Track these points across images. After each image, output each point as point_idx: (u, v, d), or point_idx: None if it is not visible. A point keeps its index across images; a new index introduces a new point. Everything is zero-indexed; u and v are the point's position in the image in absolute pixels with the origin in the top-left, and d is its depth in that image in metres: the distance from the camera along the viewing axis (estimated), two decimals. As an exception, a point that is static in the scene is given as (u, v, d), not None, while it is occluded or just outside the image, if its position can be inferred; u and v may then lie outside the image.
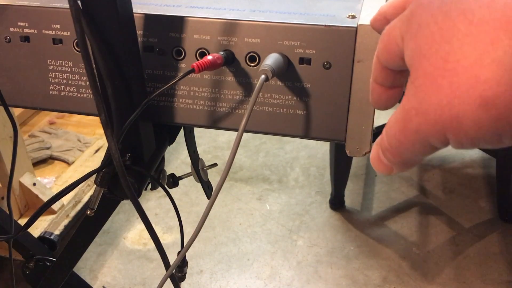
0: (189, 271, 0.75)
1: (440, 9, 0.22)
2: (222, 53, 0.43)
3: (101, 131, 1.68)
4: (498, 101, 0.20)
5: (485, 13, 0.21)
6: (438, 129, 0.23)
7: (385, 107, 0.30)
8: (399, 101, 0.26)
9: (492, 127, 0.21)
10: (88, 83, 0.47)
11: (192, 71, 0.40)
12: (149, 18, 0.45)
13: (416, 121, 0.23)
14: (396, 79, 0.28)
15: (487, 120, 0.21)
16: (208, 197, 0.65)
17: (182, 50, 0.45)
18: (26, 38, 0.48)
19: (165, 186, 0.56)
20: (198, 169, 0.62)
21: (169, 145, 0.54)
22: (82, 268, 1.41)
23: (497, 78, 0.20)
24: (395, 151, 0.26)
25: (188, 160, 0.62)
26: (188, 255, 0.86)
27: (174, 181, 0.59)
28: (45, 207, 0.48)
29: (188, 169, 0.63)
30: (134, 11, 0.43)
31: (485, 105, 0.21)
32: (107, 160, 0.46)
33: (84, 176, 0.46)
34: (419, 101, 0.23)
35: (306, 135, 0.46)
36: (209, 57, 0.41)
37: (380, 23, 0.29)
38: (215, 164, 0.65)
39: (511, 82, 0.20)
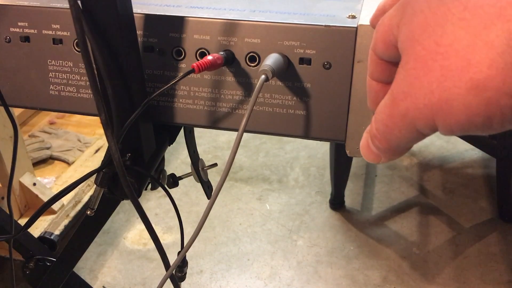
0: (189, 271, 0.75)
1: None
2: (222, 53, 0.43)
3: (101, 131, 1.68)
4: (489, 84, 0.20)
5: None
6: (426, 114, 0.22)
7: None
8: None
9: (482, 110, 0.21)
10: (88, 83, 0.47)
11: (192, 71, 0.40)
12: (149, 18, 0.44)
13: (404, 106, 0.23)
14: (393, 72, 0.27)
15: (478, 104, 0.20)
16: (208, 197, 0.65)
17: (182, 50, 0.45)
18: (26, 38, 0.48)
19: (165, 186, 0.55)
20: (198, 169, 0.62)
21: (169, 145, 0.54)
22: (82, 268, 1.41)
23: (489, 61, 0.20)
24: (382, 137, 0.26)
25: (188, 160, 0.62)
26: (188, 255, 0.86)
27: (174, 181, 0.59)
28: (45, 207, 0.48)
29: (188, 169, 0.63)
30: (134, 11, 0.43)
31: (476, 88, 0.20)
32: (107, 160, 0.46)
33: (84, 176, 0.46)
34: (408, 85, 0.23)
35: (306, 135, 0.46)
36: (209, 57, 0.41)
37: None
38: (215, 164, 0.65)
39: (502, 66, 0.20)
